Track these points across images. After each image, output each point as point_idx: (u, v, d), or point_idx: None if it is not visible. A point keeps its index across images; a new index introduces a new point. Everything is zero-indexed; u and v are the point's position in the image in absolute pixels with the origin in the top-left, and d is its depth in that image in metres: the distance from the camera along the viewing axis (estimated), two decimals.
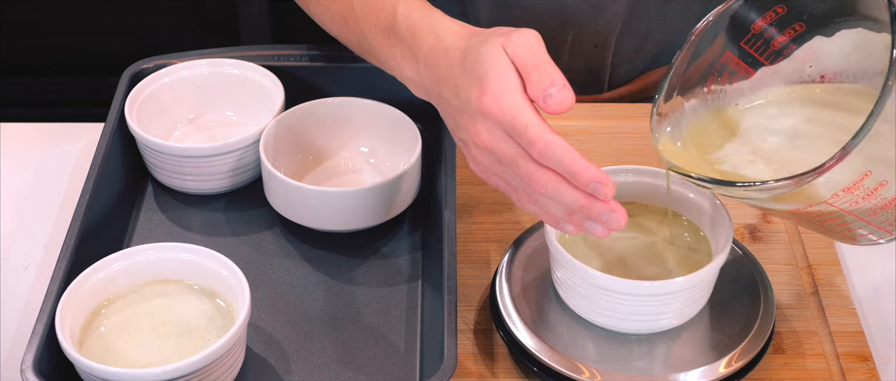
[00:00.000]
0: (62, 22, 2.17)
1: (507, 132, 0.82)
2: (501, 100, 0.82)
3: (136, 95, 1.07)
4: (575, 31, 1.18)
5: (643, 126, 1.16)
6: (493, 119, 0.82)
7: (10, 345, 0.97)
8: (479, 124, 0.83)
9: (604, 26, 1.18)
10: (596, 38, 1.19)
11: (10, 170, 1.13)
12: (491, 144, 0.83)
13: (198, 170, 1.04)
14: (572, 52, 1.19)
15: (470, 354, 0.94)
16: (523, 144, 0.81)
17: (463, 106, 0.85)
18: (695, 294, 0.89)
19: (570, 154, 0.80)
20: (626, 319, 0.90)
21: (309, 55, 1.14)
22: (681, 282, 0.87)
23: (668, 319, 0.90)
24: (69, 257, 0.93)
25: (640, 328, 0.91)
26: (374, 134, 1.08)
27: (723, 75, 0.91)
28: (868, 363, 0.94)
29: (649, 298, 0.88)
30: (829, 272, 1.01)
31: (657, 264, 0.92)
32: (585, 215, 0.82)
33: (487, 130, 0.83)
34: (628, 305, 0.88)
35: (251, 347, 0.94)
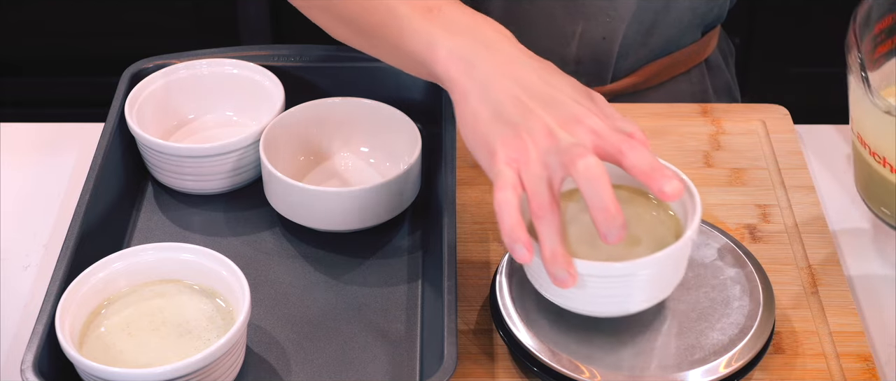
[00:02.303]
0: (62, 22, 2.17)
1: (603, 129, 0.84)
2: None
3: (136, 95, 1.07)
4: (585, 23, 1.18)
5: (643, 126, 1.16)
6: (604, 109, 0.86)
7: (10, 345, 0.97)
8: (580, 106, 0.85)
9: (613, 18, 1.18)
10: (604, 29, 1.19)
11: (10, 170, 1.13)
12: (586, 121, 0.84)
13: (198, 170, 1.04)
14: (581, 43, 1.20)
15: (470, 354, 0.94)
16: (617, 141, 0.83)
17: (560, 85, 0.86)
18: (664, 274, 0.87)
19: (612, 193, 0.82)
20: (596, 302, 0.88)
21: (309, 55, 1.14)
22: (649, 260, 0.85)
23: (638, 301, 0.88)
24: (69, 257, 0.93)
25: (611, 311, 0.89)
26: (374, 134, 1.08)
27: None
28: (868, 363, 0.94)
29: (617, 279, 0.86)
30: (829, 272, 1.01)
31: (625, 244, 0.89)
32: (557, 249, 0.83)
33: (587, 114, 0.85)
34: (598, 287, 0.86)
35: (251, 347, 0.94)
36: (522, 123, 0.85)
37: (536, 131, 0.84)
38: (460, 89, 0.88)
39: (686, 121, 1.16)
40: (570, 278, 0.84)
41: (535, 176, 0.83)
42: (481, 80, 0.87)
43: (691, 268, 0.96)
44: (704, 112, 1.18)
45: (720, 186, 1.09)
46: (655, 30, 1.21)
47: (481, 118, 0.86)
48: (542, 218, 0.83)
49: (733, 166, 1.12)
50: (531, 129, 0.84)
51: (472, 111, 0.87)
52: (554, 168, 0.83)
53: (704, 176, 1.10)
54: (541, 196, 0.83)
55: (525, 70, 0.87)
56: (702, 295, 0.94)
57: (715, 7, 1.25)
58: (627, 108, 1.18)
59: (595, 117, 0.85)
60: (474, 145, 0.87)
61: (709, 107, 1.18)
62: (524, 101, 0.85)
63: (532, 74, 0.87)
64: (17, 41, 2.20)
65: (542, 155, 0.83)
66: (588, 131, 0.84)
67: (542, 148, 0.83)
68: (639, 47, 1.23)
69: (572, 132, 0.84)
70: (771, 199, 1.08)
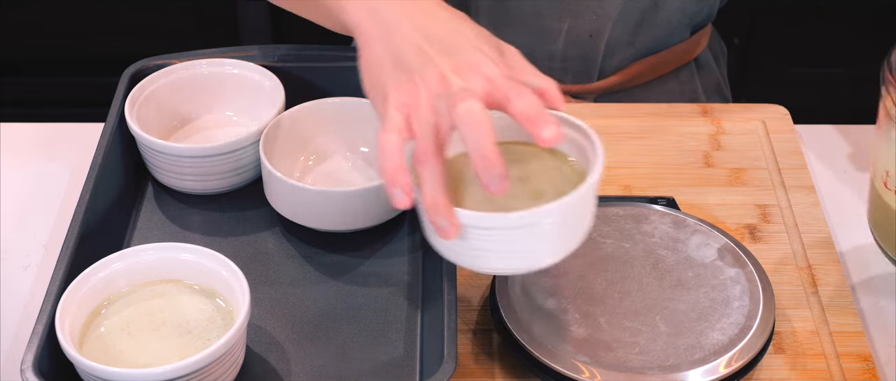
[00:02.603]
0: (62, 22, 2.17)
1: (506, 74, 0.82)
2: None
3: (136, 95, 1.07)
4: (571, 20, 1.18)
5: (643, 125, 1.16)
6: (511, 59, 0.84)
7: (10, 345, 0.97)
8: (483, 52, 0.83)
9: (600, 16, 1.18)
10: (591, 27, 1.19)
11: (10, 170, 1.13)
12: (482, 65, 0.82)
13: (198, 170, 1.04)
14: (567, 40, 1.20)
15: (470, 354, 0.94)
16: (506, 88, 0.81)
17: (466, 32, 0.84)
18: (558, 227, 0.83)
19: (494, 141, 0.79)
20: (490, 257, 0.84)
21: (309, 55, 1.13)
22: (534, 213, 0.80)
23: (538, 256, 0.84)
24: (69, 257, 0.93)
25: (518, 266, 0.85)
26: (374, 134, 1.08)
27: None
28: (868, 363, 0.94)
29: (504, 231, 0.82)
30: (829, 272, 1.01)
31: (529, 198, 0.85)
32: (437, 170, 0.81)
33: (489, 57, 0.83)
34: (486, 241, 0.82)
35: (251, 347, 0.94)
36: (418, 69, 0.83)
37: (430, 77, 0.82)
38: (364, 35, 0.87)
39: (686, 121, 1.17)
40: (452, 228, 0.81)
41: (422, 121, 0.81)
42: (385, 26, 0.86)
43: (691, 268, 0.96)
44: (704, 112, 1.18)
45: (720, 186, 1.09)
46: (643, 29, 1.21)
47: (381, 64, 0.85)
48: (425, 164, 0.81)
49: (733, 166, 1.12)
50: (425, 75, 0.83)
51: (373, 57, 0.86)
52: (442, 114, 0.81)
53: (704, 176, 1.10)
54: (425, 141, 0.81)
55: (430, 18, 0.86)
56: (702, 295, 0.94)
57: (704, 7, 1.25)
58: (628, 107, 1.19)
59: (492, 65, 0.83)
60: (370, 91, 0.86)
61: (709, 107, 1.18)
62: (424, 48, 0.84)
63: (436, 21, 0.86)
64: (17, 41, 2.20)
65: (432, 100, 0.82)
66: (481, 77, 0.82)
67: (433, 93, 0.82)
68: (626, 46, 1.23)
69: (466, 78, 0.82)
70: (771, 199, 1.08)
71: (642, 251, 0.98)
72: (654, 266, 0.96)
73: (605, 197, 1.04)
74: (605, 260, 0.97)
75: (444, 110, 0.81)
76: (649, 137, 1.15)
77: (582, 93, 1.24)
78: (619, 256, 0.97)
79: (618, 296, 0.94)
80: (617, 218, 1.00)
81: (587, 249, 0.97)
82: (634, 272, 0.96)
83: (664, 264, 0.96)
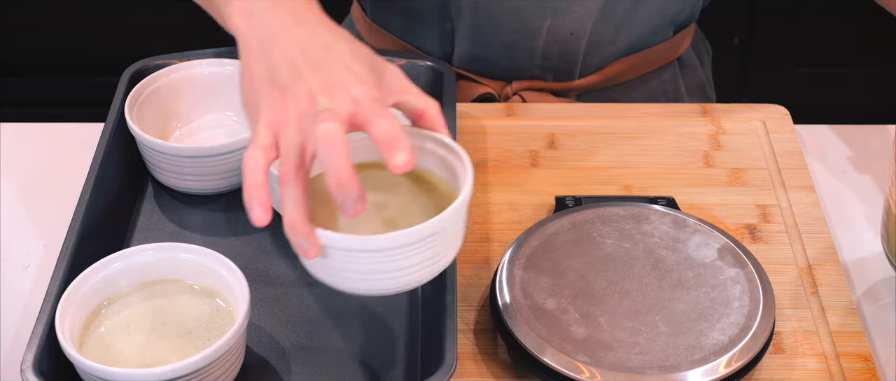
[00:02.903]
0: (62, 22, 2.17)
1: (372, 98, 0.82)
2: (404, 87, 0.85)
3: (136, 95, 1.07)
4: (552, 18, 1.18)
5: (643, 125, 1.16)
6: (383, 77, 0.84)
7: (10, 345, 0.97)
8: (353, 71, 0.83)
9: (581, 14, 1.18)
10: (572, 25, 1.19)
11: (10, 170, 1.13)
12: (348, 83, 0.82)
13: (198, 170, 1.04)
14: (548, 38, 1.20)
15: (470, 354, 0.94)
16: (369, 110, 0.81)
17: (338, 51, 0.85)
18: (433, 246, 0.82)
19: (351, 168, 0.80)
20: (366, 278, 0.83)
21: None
22: (413, 232, 0.80)
23: (403, 278, 0.83)
24: (69, 257, 0.93)
25: (384, 287, 0.84)
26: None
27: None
28: (868, 363, 0.94)
29: (382, 252, 0.81)
30: (828, 272, 1.01)
31: (382, 221, 0.86)
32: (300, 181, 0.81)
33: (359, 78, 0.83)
34: (349, 262, 0.82)
35: (251, 347, 0.94)
36: (290, 86, 0.83)
37: (300, 95, 0.82)
38: (245, 44, 0.88)
39: (686, 121, 1.17)
40: (311, 249, 0.81)
41: (288, 140, 0.81)
42: (264, 38, 0.86)
43: (691, 268, 0.96)
44: (704, 112, 1.18)
45: (720, 186, 1.09)
46: (624, 28, 1.21)
47: (257, 77, 0.85)
48: (287, 183, 0.81)
49: (733, 166, 1.12)
50: (296, 92, 0.83)
51: (250, 68, 0.86)
52: (308, 133, 0.81)
53: (704, 176, 1.10)
54: (289, 161, 0.81)
55: (307, 32, 0.86)
56: (702, 295, 0.94)
57: (686, 8, 1.25)
58: (625, 108, 1.19)
59: (360, 86, 0.83)
60: (246, 103, 0.86)
61: (709, 107, 1.18)
62: (298, 64, 0.84)
63: (312, 36, 0.86)
64: (17, 41, 2.20)
65: (299, 119, 0.82)
66: (348, 99, 0.82)
67: (301, 112, 0.82)
68: (607, 45, 1.22)
69: (333, 98, 0.82)
70: (771, 199, 1.08)
71: (642, 251, 0.98)
72: (654, 266, 0.96)
73: (606, 197, 1.05)
74: (605, 260, 0.97)
75: (309, 130, 0.81)
76: (649, 137, 1.15)
77: (563, 91, 1.24)
78: (619, 256, 0.97)
79: (618, 296, 0.94)
80: (617, 218, 1.00)
81: (587, 249, 0.97)
82: (634, 272, 0.96)
83: (664, 264, 0.96)
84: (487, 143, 1.14)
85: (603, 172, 1.11)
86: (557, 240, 0.99)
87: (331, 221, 0.85)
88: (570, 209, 1.02)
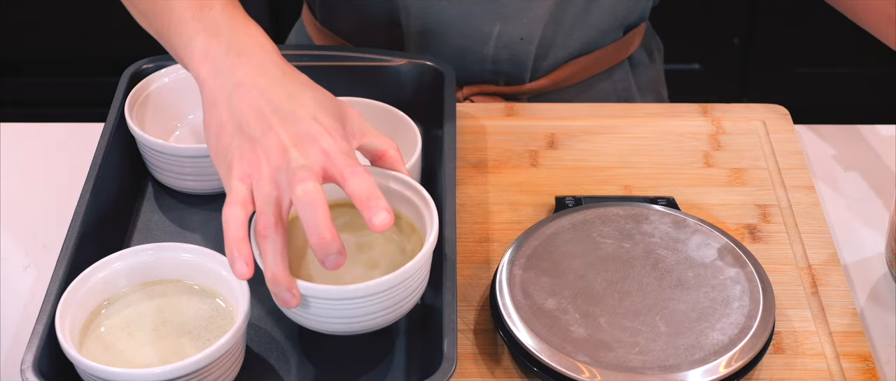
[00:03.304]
0: (62, 22, 2.17)
1: (338, 146, 0.85)
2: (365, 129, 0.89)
3: (136, 95, 1.07)
4: (502, 24, 1.18)
5: (643, 125, 1.16)
6: (346, 127, 0.88)
7: (10, 345, 0.97)
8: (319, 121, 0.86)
9: (531, 20, 1.18)
10: (522, 30, 1.19)
11: (10, 170, 1.13)
12: (314, 134, 0.85)
13: (198, 170, 1.04)
14: (498, 43, 1.19)
15: (470, 354, 0.94)
16: (342, 166, 0.84)
17: (302, 104, 0.87)
18: (394, 295, 0.88)
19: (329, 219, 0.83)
20: (331, 322, 0.88)
21: (309, 55, 1.13)
22: (371, 285, 0.86)
23: (375, 319, 0.89)
24: (69, 257, 0.93)
25: (360, 328, 0.89)
26: None
27: None
28: (868, 363, 0.94)
29: (344, 301, 0.86)
30: (828, 272, 1.01)
31: (367, 269, 0.91)
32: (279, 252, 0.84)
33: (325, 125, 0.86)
34: (327, 308, 0.87)
35: (251, 347, 0.94)
36: (260, 138, 0.86)
37: (271, 148, 0.85)
38: (209, 94, 0.90)
39: (686, 121, 1.17)
40: (292, 299, 0.85)
41: (264, 195, 0.84)
42: (228, 88, 0.88)
43: (691, 268, 0.96)
44: (704, 112, 1.18)
45: (720, 186, 1.09)
46: (574, 32, 1.21)
47: (224, 128, 0.88)
48: (266, 238, 0.84)
49: (733, 166, 1.12)
50: (267, 145, 0.85)
51: (217, 119, 0.88)
52: (283, 187, 0.84)
53: (704, 176, 1.10)
54: (266, 216, 0.84)
55: (271, 81, 0.88)
56: (702, 295, 0.94)
57: (636, 9, 1.24)
58: (625, 108, 1.19)
59: (330, 138, 0.86)
60: (216, 155, 0.88)
61: (709, 107, 1.18)
62: (266, 114, 0.87)
63: (277, 86, 0.88)
64: (17, 41, 2.20)
65: (274, 173, 0.85)
66: (320, 152, 0.85)
67: (274, 166, 0.85)
68: (558, 48, 1.22)
69: (305, 151, 0.85)
70: (771, 199, 1.08)
71: (642, 251, 0.98)
72: (654, 266, 0.96)
73: (606, 197, 1.05)
74: (605, 260, 0.97)
75: (284, 185, 0.84)
76: (649, 137, 1.15)
77: (514, 94, 1.24)
78: (619, 256, 0.97)
79: (618, 296, 0.94)
80: (617, 218, 1.00)
81: (587, 249, 0.97)
82: (634, 272, 0.96)
83: (664, 264, 0.96)
84: (487, 143, 1.14)
85: (603, 172, 1.11)
86: (557, 240, 0.99)
87: (303, 260, 0.91)
88: (570, 209, 1.02)
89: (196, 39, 0.91)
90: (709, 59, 2.25)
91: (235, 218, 0.84)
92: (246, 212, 0.85)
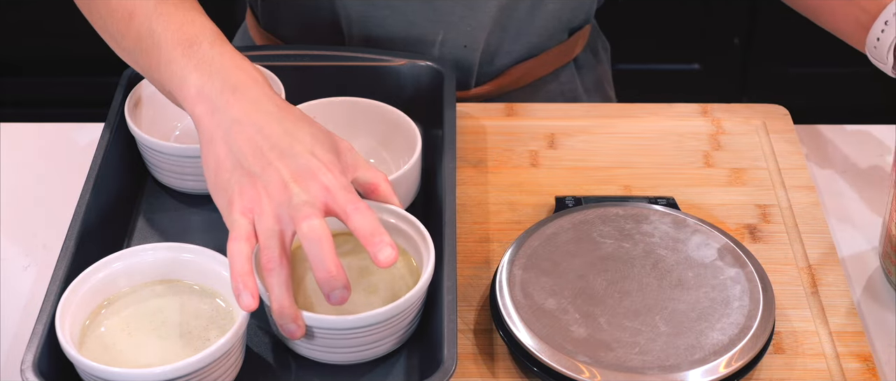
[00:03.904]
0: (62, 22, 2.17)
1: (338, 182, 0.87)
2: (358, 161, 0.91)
3: (136, 95, 1.07)
4: (445, 31, 1.17)
5: (643, 126, 1.16)
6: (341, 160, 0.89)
7: (10, 345, 0.97)
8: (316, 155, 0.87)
9: (474, 27, 1.17)
10: (465, 38, 1.18)
11: (10, 170, 1.13)
12: (313, 168, 0.87)
13: (198, 170, 1.04)
14: (442, 50, 1.19)
15: (470, 354, 0.94)
16: (344, 202, 0.86)
17: (298, 141, 0.88)
18: (398, 322, 0.90)
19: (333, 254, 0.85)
20: (348, 351, 0.90)
21: (309, 55, 1.13)
22: (375, 314, 0.87)
23: (378, 348, 0.91)
24: (69, 257, 0.93)
25: (363, 357, 0.91)
26: (374, 134, 1.08)
27: None
28: (868, 363, 0.94)
29: (347, 332, 0.88)
30: (828, 272, 1.01)
31: (367, 293, 0.93)
32: None
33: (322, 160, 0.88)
34: (332, 338, 0.89)
35: (251, 347, 0.94)
36: (260, 174, 0.87)
37: (272, 184, 0.86)
38: (206, 132, 0.90)
39: (686, 121, 1.17)
40: (298, 330, 0.87)
41: (267, 229, 0.86)
42: (225, 125, 0.89)
43: (691, 268, 0.96)
44: (704, 112, 1.18)
45: (720, 186, 1.09)
46: (520, 37, 1.21)
47: (223, 165, 0.89)
48: (271, 271, 0.85)
49: (733, 166, 1.12)
50: (267, 181, 0.87)
51: (214, 156, 0.89)
52: (286, 222, 0.86)
53: (704, 176, 1.10)
54: (271, 250, 0.85)
55: (267, 117, 0.89)
56: (702, 295, 0.94)
57: (581, 13, 1.24)
58: (625, 108, 1.19)
59: (329, 174, 0.87)
60: (215, 191, 0.89)
61: (709, 107, 1.18)
62: (264, 150, 0.88)
63: (274, 122, 0.89)
64: (17, 41, 2.20)
65: (276, 208, 0.86)
66: (320, 188, 0.86)
67: (276, 201, 0.86)
68: (503, 54, 1.22)
69: (306, 187, 0.86)
70: (771, 199, 1.08)
71: (642, 251, 0.98)
72: (654, 266, 0.96)
73: (606, 197, 1.05)
74: (605, 260, 0.97)
75: (287, 220, 0.86)
76: (649, 137, 1.15)
77: (460, 99, 1.23)
78: (619, 256, 0.97)
79: (618, 296, 0.94)
80: (617, 218, 1.00)
81: (587, 249, 0.98)
82: (634, 272, 0.96)
83: (664, 264, 0.96)
84: (487, 143, 1.14)
85: (603, 172, 1.11)
86: (557, 240, 0.99)
87: (299, 289, 0.93)
88: (570, 209, 1.02)
89: (189, 78, 0.92)
90: (709, 60, 2.24)
91: (240, 252, 0.85)
92: (250, 246, 0.86)
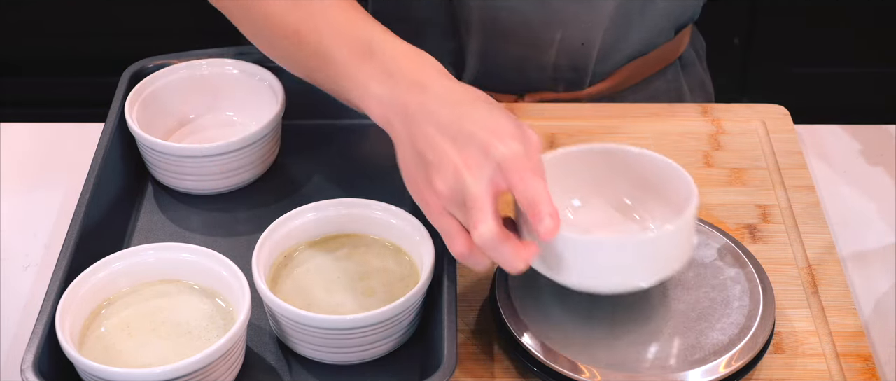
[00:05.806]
0: (62, 22, 2.17)
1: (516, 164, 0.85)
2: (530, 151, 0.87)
3: (136, 95, 1.07)
4: (563, 29, 1.18)
5: (643, 126, 1.16)
6: (513, 148, 0.86)
7: (10, 345, 0.97)
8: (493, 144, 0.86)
9: (591, 23, 1.18)
10: (583, 35, 1.19)
11: (10, 170, 1.13)
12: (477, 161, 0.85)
13: (198, 170, 1.04)
14: (559, 50, 1.19)
15: (470, 354, 0.94)
16: (512, 174, 0.85)
17: (466, 127, 0.87)
18: (403, 319, 0.90)
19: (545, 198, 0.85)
20: (337, 352, 0.91)
21: None
22: (385, 311, 0.88)
23: (383, 346, 0.92)
24: (69, 257, 0.93)
25: (349, 359, 0.92)
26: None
27: None
28: (868, 363, 0.94)
29: (347, 331, 0.89)
30: (829, 272, 1.01)
31: (366, 295, 0.93)
32: None
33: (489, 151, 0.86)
34: (337, 339, 0.89)
35: (251, 347, 0.94)
36: (435, 162, 0.87)
37: (446, 172, 0.86)
38: (395, 135, 0.91)
39: (686, 121, 1.17)
40: (555, 227, 0.85)
41: (447, 228, 0.87)
42: (408, 125, 0.89)
43: (691, 268, 0.96)
44: (704, 112, 1.18)
45: (720, 186, 1.09)
46: (631, 34, 1.21)
47: (410, 165, 0.89)
48: (472, 253, 0.87)
49: (733, 166, 1.12)
50: (443, 173, 0.86)
51: (403, 158, 0.90)
52: (458, 214, 0.87)
53: (704, 176, 1.10)
54: (457, 245, 0.87)
55: (444, 107, 0.88)
56: (702, 295, 0.94)
57: (689, 9, 1.25)
58: (625, 108, 1.19)
59: (501, 144, 0.85)
60: (412, 190, 0.90)
61: (709, 107, 1.18)
62: (438, 141, 0.87)
63: (448, 109, 0.88)
64: (17, 41, 2.20)
65: (445, 206, 0.87)
66: (492, 167, 0.85)
67: (445, 198, 0.87)
68: (615, 52, 1.22)
69: (475, 175, 0.85)
70: (771, 199, 1.08)
71: None
72: None
73: None
74: None
75: (463, 217, 0.86)
76: (649, 137, 1.15)
77: (574, 100, 1.24)
78: None
79: (618, 296, 0.94)
80: None
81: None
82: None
83: None
84: None
85: None
86: None
87: (303, 292, 0.94)
88: None
89: (371, 90, 0.92)
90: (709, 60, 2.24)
91: (489, 239, 0.84)
92: (465, 239, 0.87)
